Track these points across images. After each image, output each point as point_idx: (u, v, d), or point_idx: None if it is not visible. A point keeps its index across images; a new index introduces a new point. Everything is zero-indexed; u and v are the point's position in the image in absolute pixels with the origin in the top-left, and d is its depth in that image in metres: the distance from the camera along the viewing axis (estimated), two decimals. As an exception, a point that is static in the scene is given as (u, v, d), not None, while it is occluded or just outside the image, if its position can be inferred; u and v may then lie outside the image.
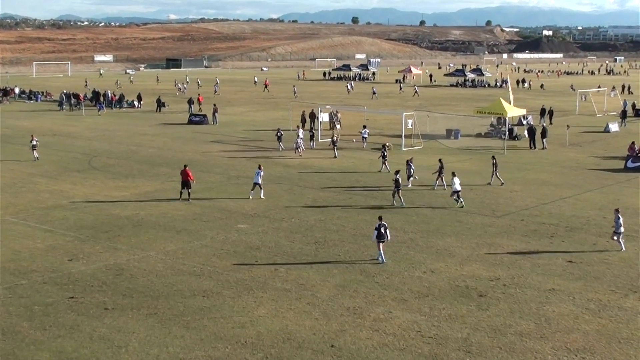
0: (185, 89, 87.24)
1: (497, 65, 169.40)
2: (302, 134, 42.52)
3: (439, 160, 33.01)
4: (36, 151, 39.10)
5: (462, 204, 28.76)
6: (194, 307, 18.07)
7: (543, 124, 50.55)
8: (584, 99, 69.74)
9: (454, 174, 29.38)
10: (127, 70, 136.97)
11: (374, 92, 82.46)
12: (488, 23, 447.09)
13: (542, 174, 36.59)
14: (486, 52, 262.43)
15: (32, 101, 75.85)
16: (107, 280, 20.01)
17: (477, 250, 23.20)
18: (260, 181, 29.88)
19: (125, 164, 38.67)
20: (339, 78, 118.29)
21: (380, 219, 22.00)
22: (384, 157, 36.25)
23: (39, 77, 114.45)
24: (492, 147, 44.09)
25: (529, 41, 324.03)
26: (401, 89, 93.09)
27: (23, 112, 64.56)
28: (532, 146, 45.01)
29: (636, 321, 17.60)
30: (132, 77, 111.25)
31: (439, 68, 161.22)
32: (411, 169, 32.67)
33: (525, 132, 47.48)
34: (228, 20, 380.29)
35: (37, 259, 21.91)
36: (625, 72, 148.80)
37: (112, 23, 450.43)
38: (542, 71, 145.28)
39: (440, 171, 32.10)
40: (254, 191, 30.06)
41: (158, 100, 66.48)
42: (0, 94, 75.53)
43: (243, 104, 73.96)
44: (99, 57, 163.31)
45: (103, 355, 15.39)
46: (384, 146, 37.61)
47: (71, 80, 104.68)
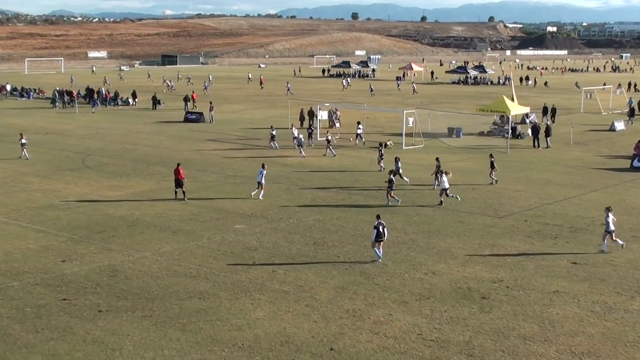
0: (173, 86, 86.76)
1: (500, 62, 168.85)
2: (296, 132, 42.30)
3: (436, 159, 32.87)
4: (26, 150, 38.77)
5: (456, 197, 29.07)
6: (190, 309, 17.94)
7: (547, 122, 50.24)
8: (589, 97, 69.42)
9: (443, 172, 29.67)
10: (122, 67, 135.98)
11: (371, 89, 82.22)
12: (491, 19, 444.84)
13: (546, 174, 36.32)
14: (489, 49, 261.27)
15: (24, 98, 75.37)
16: (101, 282, 19.87)
17: (479, 252, 23.04)
18: (263, 180, 29.78)
19: (119, 162, 38.43)
20: (338, 75, 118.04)
21: (378, 217, 21.89)
22: (380, 155, 36.18)
23: (31, 74, 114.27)
24: (494, 146, 43.82)
25: (533, 37, 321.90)
26: (399, 86, 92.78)
27: (15, 110, 64.20)
28: (536, 145, 44.73)
29: (643, 324, 17.40)
30: (122, 74, 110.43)
31: (441, 65, 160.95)
32: (398, 164, 32.58)
33: (529, 130, 47.21)
34: (225, 16, 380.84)
35: (29, 260, 21.75)
36: (631, 69, 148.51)
37: (106, 19, 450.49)
38: (546, 68, 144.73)
39: (437, 170, 31.92)
40: (257, 190, 29.92)
41: (154, 98, 66.19)
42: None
43: (240, 102, 73.76)
44: (92, 54, 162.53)
45: (97, 359, 15.28)
46: (381, 144, 37.39)
47: (64, 77, 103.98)
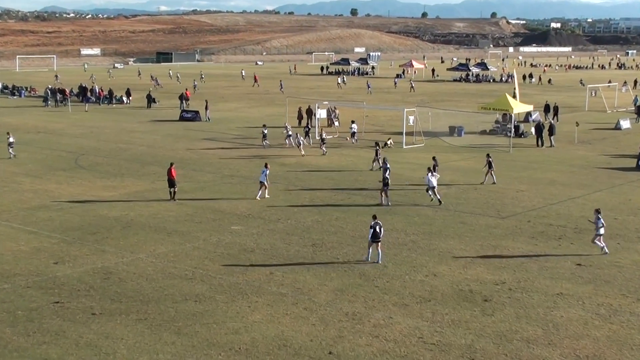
0: (160, 83, 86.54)
1: (503, 59, 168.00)
2: (291, 131, 41.94)
3: (433, 157, 32.74)
4: (12, 149, 38.46)
5: (438, 200, 28.78)
6: (185, 312, 17.84)
7: (550, 121, 49.98)
8: (593, 95, 69.26)
9: (429, 169, 29.50)
10: (115, 65, 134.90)
11: (368, 87, 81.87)
12: (493, 15, 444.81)
13: (549, 173, 36.16)
14: (491, 46, 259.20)
15: (15, 97, 74.73)
16: (94, 284, 19.75)
17: (481, 253, 22.97)
18: (266, 181, 29.64)
19: (113, 162, 38.23)
20: (337, 72, 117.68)
21: (374, 217, 21.82)
22: (376, 154, 36.05)
23: (22, 72, 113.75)
24: (497, 145, 43.72)
25: (537, 34, 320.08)
26: (396, 84, 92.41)
27: (6, 109, 63.70)
28: (540, 144, 44.51)
29: (649, 327, 17.33)
30: (111, 72, 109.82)
31: (442, 62, 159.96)
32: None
33: (532, 129, 46.96)
34: (221, 12, 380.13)
35: (21, 262, 21.63)
36: (637, 66, 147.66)
37: (100, 15, 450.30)
38: (550, 65, 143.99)
39: (434, 169, 31.71)
40: (261, 191, 29.78)
41: (148, 96, 65.76)
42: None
43: (236, 100, 73.54)
44: (85, 51, 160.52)
45: (90, 363, 15.19)
46: (377, 144, 37.11)
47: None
